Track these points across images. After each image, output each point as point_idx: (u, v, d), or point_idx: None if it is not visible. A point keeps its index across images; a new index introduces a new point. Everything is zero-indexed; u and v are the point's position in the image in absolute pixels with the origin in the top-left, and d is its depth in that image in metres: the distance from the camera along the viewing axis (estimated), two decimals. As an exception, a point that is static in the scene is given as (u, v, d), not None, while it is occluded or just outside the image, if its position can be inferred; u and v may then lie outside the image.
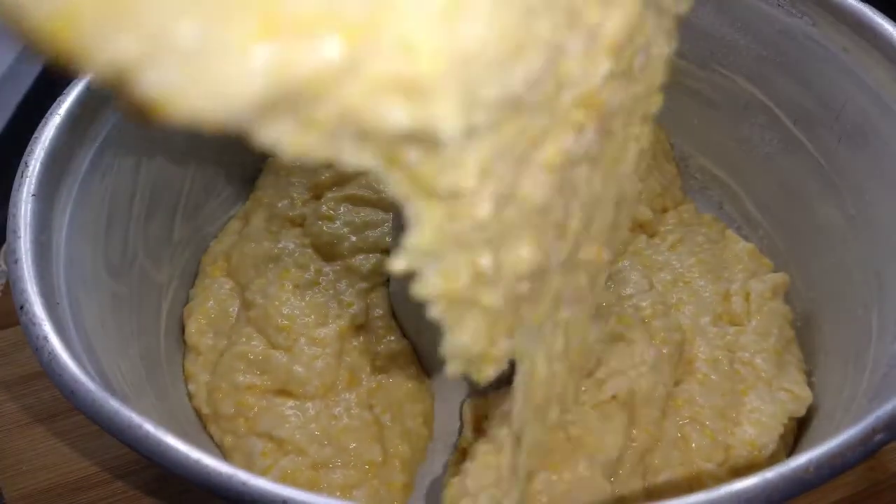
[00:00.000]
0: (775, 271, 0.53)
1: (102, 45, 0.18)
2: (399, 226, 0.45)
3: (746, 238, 0.55)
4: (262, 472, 0.43)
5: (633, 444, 0.43)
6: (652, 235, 0.55)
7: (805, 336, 0.51)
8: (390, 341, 0.48)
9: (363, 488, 0.44)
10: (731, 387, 0.46)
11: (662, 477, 0.43)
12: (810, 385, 0.48)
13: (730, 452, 0.44)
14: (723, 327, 0.49)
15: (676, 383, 0.46)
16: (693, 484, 0.43)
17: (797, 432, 0.47)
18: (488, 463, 0.35)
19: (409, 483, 0.45)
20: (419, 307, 0.46)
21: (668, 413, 0.44)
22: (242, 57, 0.18)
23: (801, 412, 0.46)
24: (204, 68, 0.18)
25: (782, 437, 0.45)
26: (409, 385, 0.47)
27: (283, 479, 0.43)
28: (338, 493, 0.43)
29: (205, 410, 0.47)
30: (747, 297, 0.50)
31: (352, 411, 0.45)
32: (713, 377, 0.46)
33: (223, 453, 0.46)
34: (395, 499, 0.44)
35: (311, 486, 0.43)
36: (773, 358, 0.48)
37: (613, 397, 0.43)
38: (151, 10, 0.18)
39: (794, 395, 0.46)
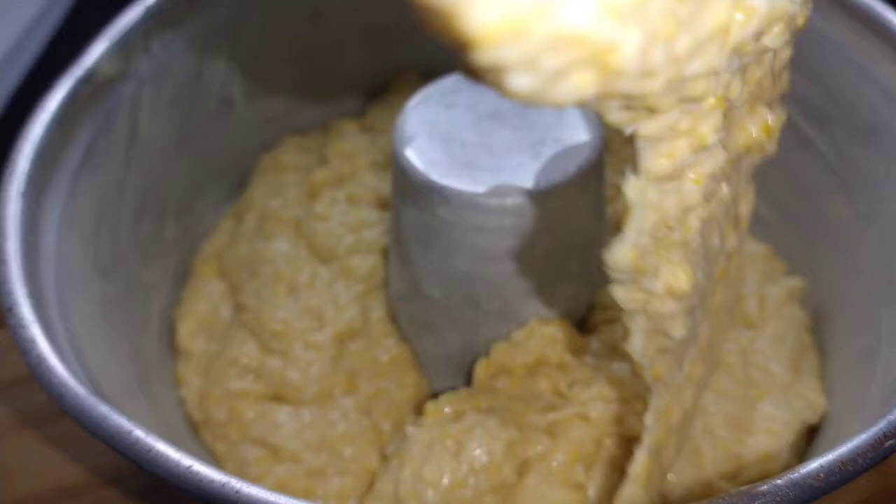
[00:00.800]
0: (787, 274, 0.52)
1: (497, 50, 0.22)
2: (397, 225, 0.44)
3: (755, 236, 0.55)
4: (256, 481, 0.42)
5: None
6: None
7: (815, 339, 0.50)
8: (389, 345, 0.47)
9: (361, 496, 0.43)
10: (744, 393, 0.45)
11: (677, 493, 0.42)
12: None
13: (741, 463, 0.43)
14: (736, 330, 0.48)
15: None
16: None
17: (807, 438, 0.46)
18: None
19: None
20: (419, 310, 0.46)
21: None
22: (580, 89, 0.24)
23: (815, 420, 0.46)
24: (552, 88, 0.23)
25: (795, 445, 0.44)
26: (410, 391, 0.47)
27: (278, 488, 0.42)
28: (333, 502, 0.43)
29: (196, 416, 0.46)
30: (762, 301, 0.49)
31: (349, 417, 0.45)
32: (726, 383, 0.45)
33: (215, 461, 0.45)
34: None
35: (307, 495, 0.43)
36: (789, 363, 0.47)
37: (584, 417, 0.42)
38: (543, 49, 0.22)
39: (808, 402, 0.46)
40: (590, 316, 0.46)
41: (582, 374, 0.43)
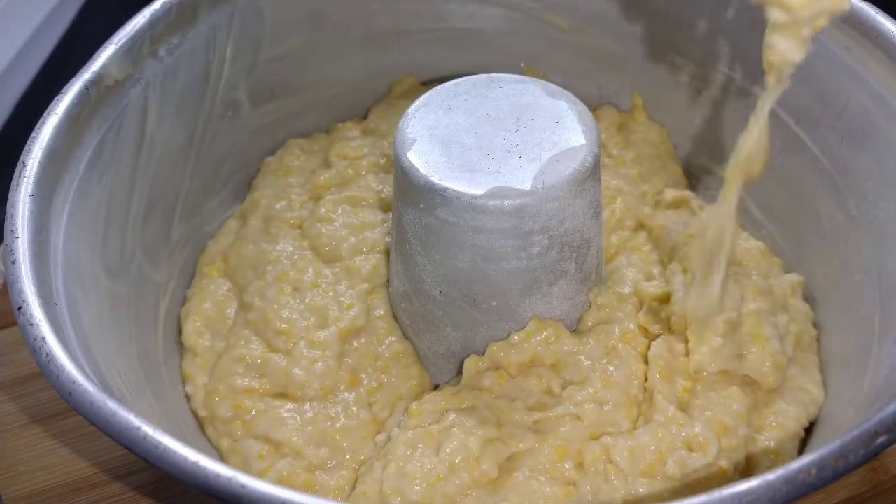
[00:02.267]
0: (784, 271, 0.53)
1: None
2: (398, 226, 0.45)
3: (750, 234, 0.55)
4: (259, 476, 0.43)
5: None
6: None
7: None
8: (392, 342, 0.48)
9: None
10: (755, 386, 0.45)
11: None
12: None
13: (751, 461, 0.43)
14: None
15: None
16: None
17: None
18: None
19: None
20: (420, 308, 0.46)
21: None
22: None
23: (816, 414, 0.46)
24: None
25: (801, 439, 0.45)
26: (413, 382, 0.47)
27: (280, 483, 0.42)
28: (332, 494, 0.43)
29: (202, 413, 0.47)
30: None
31: (350, 410, 0.45)
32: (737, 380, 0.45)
33: (220, 456, 0.45)
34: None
35: (306, 488, 0.43)
36: (795, 355, 0.47)
37: (576, 417, 0.43)
38: None
39: (811, 396, 0.46)
40: (586, 316, 0.47)
41: (577, 375, 0.44)
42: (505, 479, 0.41)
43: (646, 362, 0.45)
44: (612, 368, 0.44)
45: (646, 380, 0.44)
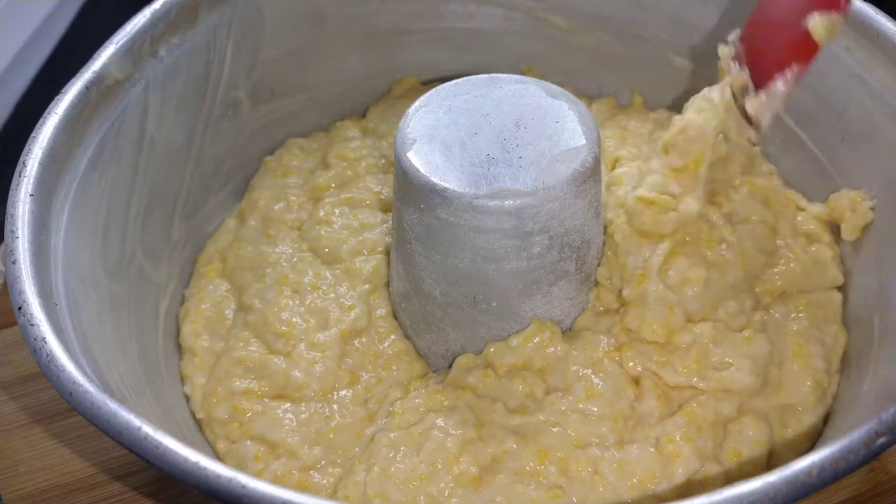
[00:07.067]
0: None
1: None
2: (399, 226, 0.45)
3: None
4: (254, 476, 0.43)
5: None
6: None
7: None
8: (393, 341, 0.48)
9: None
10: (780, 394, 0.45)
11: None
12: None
13: (775, 460, 0.43)
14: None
15: None
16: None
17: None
18: None
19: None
20: (420, 308, 0.46)
21: None
22: None
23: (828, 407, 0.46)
24: None
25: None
26: (413, 376, 0.47)
27: (274, 483, 0.42)
28: (324, 493, 0.43)
29: (199, 415, 0.47)
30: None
31: (346, 408, 0.45)
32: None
33: (217, 457, 0.45)
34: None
35: (300, 488, 0.43)
36: (832, 351, 0.47)
37: (556, 425, 0.42)
38: None
39: (832, 391, 0.46)
40: (583, 317, 0.47)
41: (562, 382, 0.44)
42: (490, 480, 0.41)
43: (636, 381, 0.44)
44: (597, 380, 0.43)
45: (635, 398, 0.44)
